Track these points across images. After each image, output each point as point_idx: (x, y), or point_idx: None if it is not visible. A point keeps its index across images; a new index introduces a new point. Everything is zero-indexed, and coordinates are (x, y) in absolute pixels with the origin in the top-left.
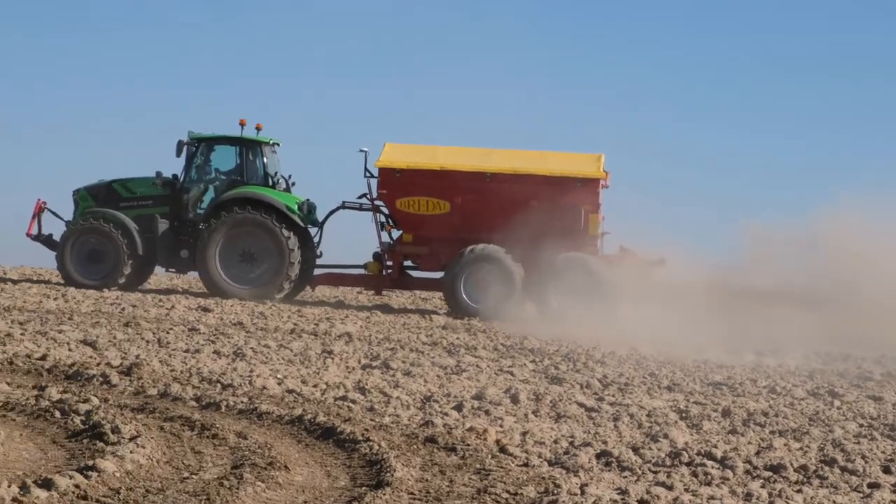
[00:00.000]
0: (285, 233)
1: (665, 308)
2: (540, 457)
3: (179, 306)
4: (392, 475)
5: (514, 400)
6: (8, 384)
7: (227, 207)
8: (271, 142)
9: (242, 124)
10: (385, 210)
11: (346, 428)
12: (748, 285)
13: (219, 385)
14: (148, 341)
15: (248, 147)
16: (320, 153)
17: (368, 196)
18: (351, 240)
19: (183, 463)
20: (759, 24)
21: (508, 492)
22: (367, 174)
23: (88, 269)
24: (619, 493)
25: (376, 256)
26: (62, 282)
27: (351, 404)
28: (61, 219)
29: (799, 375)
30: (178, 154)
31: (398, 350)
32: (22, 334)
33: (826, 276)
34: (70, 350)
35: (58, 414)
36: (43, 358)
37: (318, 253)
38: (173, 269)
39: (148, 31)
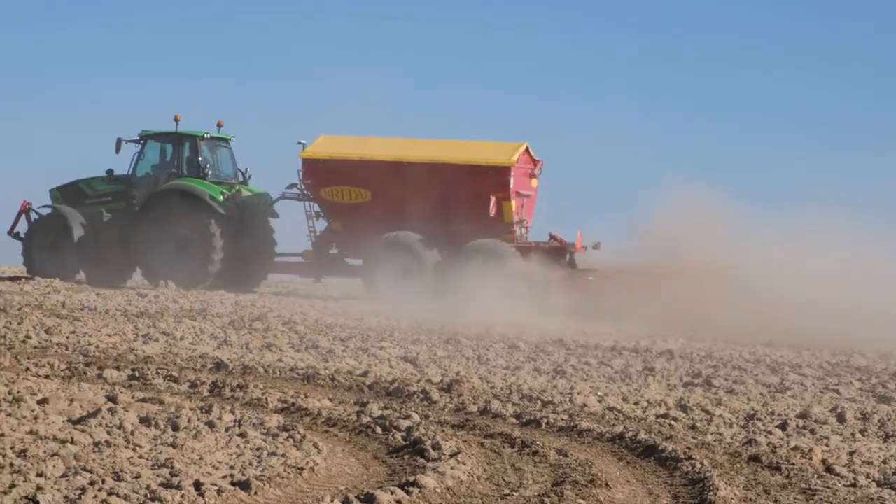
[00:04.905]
0: (207, 221)
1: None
2: (868, 477)
3: (499, 324)
4: (715, 494)
5: (841, 419)
6: (330, 400)
7: (159, 199)
8: (207, 135)
9: (177, 120)
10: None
11: (668, 446)
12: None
13: (539, 402)
14: (468, 358)
15: (182, 141)
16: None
17: (299, 186)
18: (302, 228)
19: (503, 479)
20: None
21: None
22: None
23: (50, 263)
24: None
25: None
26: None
27: (672, 422)
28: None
29: None
30: (118, 151)
31: (720, 367)
32: (343, 351)
33: None
34: (391, 367)
35: (379, 430)
36: (364, 374)
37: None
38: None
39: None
